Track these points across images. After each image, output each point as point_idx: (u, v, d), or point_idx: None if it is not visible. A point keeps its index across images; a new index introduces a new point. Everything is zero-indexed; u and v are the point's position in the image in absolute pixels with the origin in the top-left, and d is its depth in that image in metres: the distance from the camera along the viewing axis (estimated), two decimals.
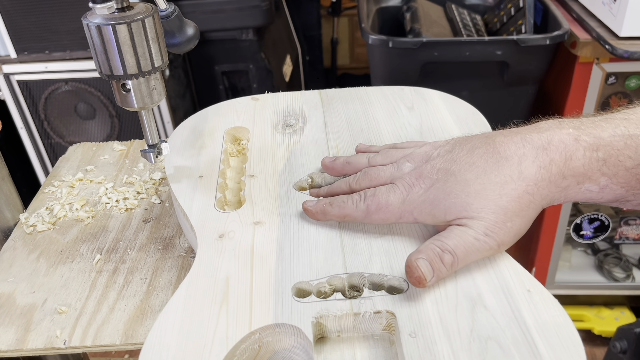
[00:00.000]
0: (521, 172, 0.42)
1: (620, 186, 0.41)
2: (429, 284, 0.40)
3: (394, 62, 1.23)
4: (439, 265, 0.40)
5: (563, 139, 0.42)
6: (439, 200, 0.43)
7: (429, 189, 0.44)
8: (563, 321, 0.38)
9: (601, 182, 0.41)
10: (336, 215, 0.48)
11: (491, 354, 0.36)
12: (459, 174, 0.43)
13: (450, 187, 0.43)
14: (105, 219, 0.60)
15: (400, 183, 0.46)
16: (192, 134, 0.62)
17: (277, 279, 0.43)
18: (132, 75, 0.47)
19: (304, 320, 0.40)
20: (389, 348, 0.40)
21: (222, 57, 1.52)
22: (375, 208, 0.46)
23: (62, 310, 0.48)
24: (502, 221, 0.41)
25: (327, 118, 0.64)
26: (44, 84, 1.38)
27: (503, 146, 0.43)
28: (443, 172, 0.44)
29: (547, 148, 0.42)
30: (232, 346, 0.38)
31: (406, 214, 0.45)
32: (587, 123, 0.42)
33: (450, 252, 0.41)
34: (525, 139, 0.43)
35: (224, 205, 0.53)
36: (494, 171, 0.42)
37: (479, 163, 0.43)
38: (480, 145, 0.44)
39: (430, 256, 0.41)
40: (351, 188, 0.50)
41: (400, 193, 0.45)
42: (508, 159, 0.42)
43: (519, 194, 0.42)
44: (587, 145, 0.41)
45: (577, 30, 1.17)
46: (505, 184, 0.42)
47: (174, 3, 0.53)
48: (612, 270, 1.52)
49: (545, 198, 0.42)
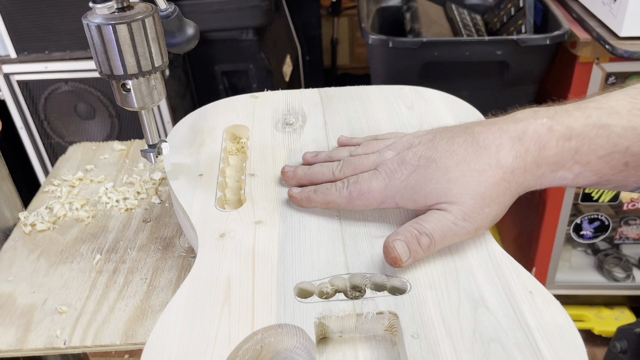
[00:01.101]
0: (499, 160, 0.43)
1: (594, 173, 0.43)
2: (404, 264, 0.42)
3: (394, 62, 1.22)
4: (415, 247, 0.42)
5: (537, 129, 0.43)
6: (420, 185, 0.45)
7: (411, 175, 0.46)
8: (565, 322, 0.38)
9: (575, 169, 0.43)
10: (320, 202, 0.49)
11: (494, 355, 0.36)
12: (439, 161, 0.45)
13: (431, 173, 0.45)
14: (106, 218, 0.60)
15: (383, 169, 0.47)
16: (191, 132, 0.62)
17: (279, 279, 0.43)
18: (132, 75, 0.47)
19: (306, 321, 0.40)
20: (391, 349, 0.40)
21: (222, 57, 1.52)
22: (357, 194, 0.47)
23: (62, 310, 0.48)
24: (479, 206, 0.43)
25: (327, 117, 0.64)
26: (43, 84, 1.38)
27: (482, 136, 0.45)
28: (425, 159, 0.46)
29: (522, 138, 0.43)
30: (234, 347, 0.38)
31: (388, 199, 0.47)
32: (560, 112, 0.44)
33: (428, 235, 0.43)
34: (502, 129, 0.44)
35: (224, 204, 0.53)
36: (473, 159, 0.44)
37: (459, 151, 0.45)
38: (460, 135, 0.46)
39: (407, 238, 0.42)
40: (335, 176, 0.51)
41: (382, 179, 0.47)
42: (486, 148, 0.44)
43: (496, 181, 0.43)
44: (560, 135, 0.43)
45: (577, 30, 1.17)
46: (483, 171, 0.43)
47: (174, 3, 0.52)
48: (612, 270, 1.52)
49: (521, 185, 0.44)
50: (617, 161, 0.42)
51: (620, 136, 0.41)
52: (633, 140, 0.41)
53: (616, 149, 0.41)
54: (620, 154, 0.41)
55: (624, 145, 0.41)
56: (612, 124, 0.42)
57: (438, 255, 0.44)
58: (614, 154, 0.42)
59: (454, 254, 0.45)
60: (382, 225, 0.48)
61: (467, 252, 0.45)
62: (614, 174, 0.43)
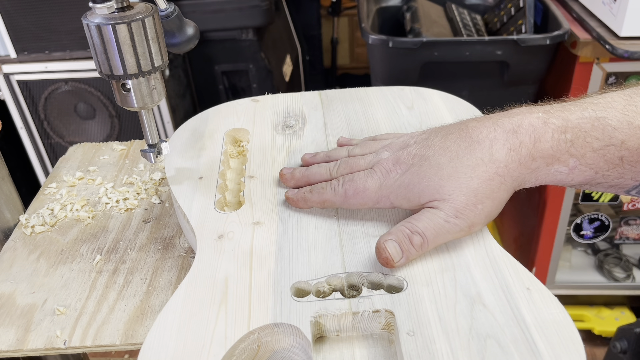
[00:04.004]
0: (492, 154, 0.43)
1: (589, 167, 0.43)
2: (397, 264, 0.42)
3: (394, 62, 1.23)
4: (407, 246, 0.43)
5: (532, 122, 0.43)
6: (413, 184, 0.45)
7: (405, 174, 0.46)
8: (562, 319, 0.38)
9: (570, 163, 0.43)
10: (316, 201, 0.49)
11: (490, 352, 0.36)
12: (432, 159, 0.45)
13: (424, 171, 0.45)
14: (106, 219, 0.60)
15: (378, 168, 0.48)
16: (193, 136, 0.62)
17: (276, 279, 0.43)
18: (132, 75, 0.47)
19: (302, 320, 0.40)
20: (388, 347, 0.40)
21: (222, 57, 1.52)
22: (353, 192, 0.48)
23: (60, 311, 0.48)
24: (472, 203, 0.43)
25: (327, 119, 0.64)
26: (43, 84, 1.38)
27: (476, 131, 0.45)
28: (418, 157, 0.46)
29: (517, 131, 0.43)
30: (230, 346, 0.38)
31: (383, 198, 0.47)
32: (556, 107, 0.44)
33: (420, 234, 0.43)
34: (496, 123, 0.45)
35: (224, 206, 0.54)
36: (466, 155, 0.44)
37: (452, 147, 0.45)
38: (454, 131, 0.46)
39: (399, 238, 0.43)
40: (332, 176, 0.51)
41: (377, 178, 0.47)
42: (480, 143, 0.44)
43: (489, 176, 0.43)
44: (556, 128, 0.43)
45: (577, 30, 1.17)
46: (476, 166, 0.43)
47: (174, 3, 0.53)
48: (612, 270, 1.52)
49: (516, 180, 0.44)
50: (613, 155, 0.42)
51: (616, 129, 0.41)
52: (628, 134, 0.41)
53: (611, 142, 0.42)
54: (616, 148, 0.42)
55: (619, 138, 0.41)
56: (607, 117, 0.42)
57: (435, 253, 0.45)
58: (609, 147, 0.42)
59: (451, 251, 0.45)
60: (379, 224, 0.48)
61: (465, 249, 0.45)
62: (609, 169, 0.43)
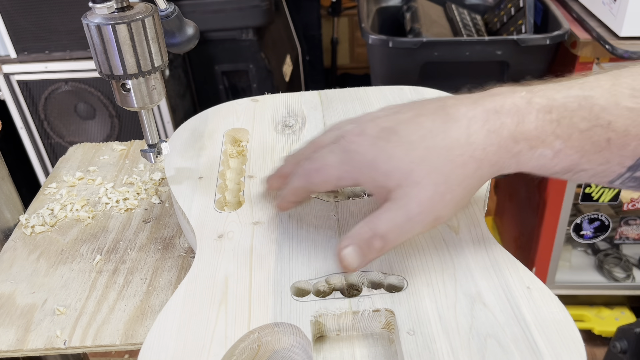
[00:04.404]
0: (469, 135, 0.40)
1: (575, 150, 0.39)
2: (358, 269, 0.41)
3: (394, 62, 1.23)
4: (366, 250, 0.40)
5: (516, 102, 0.40)
6: (380, 161, 0.41)
7: (370, 148, 0.41)
8: (563, 318, 0.38)
9: (555, 145, 0.39)
10: (290, 194, 0.47)
11: (490, 351, 0.36)
12: (402, 134, 0.41)
13: (392, 149, 0.41)
14: (106, 219, 0.60)
15: (340, 142, 0.43)
16: (192, 136, 0.63)
17: (276, 279, 0.43)
18: (132, 75, 0.47)
19: (303, 319, 0.40)
20: (388, 346, 0.40)
21: (222, 57, 1.52)
22: (314, 171, 0.44)
23: (60, 311, 0.48)
24: (441, 193, 0.39)
25: (327, 118, 0.64)
26: (43, 84, 1.38)
27: (453, 108, 0.41)
28: (387, 130, 0.41)
29: (499, 111, 0.40)
30: (230, 346, 0.38)
31: (345, 174, 0.42)
32: (540, 86, 0.41)
33: (381, 237, 0.40)
34: (477, 102, 0.41)
35: (224, 206, 0.54)
36: (440, 133, 0.40)
37: (426, 124, 0.41)
38: (429, 106, 0.42)
39: (359, 242, 0.40)
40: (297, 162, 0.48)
41: (338, 152, 0.43)
42: (457, 121, 0.40)
43: (464, 160, 0.39)
44: (540, 107, 0.39)
45: (577, 30, 1.17)
46: (451, 148, 0.40)
47: (174, 3, 0.53)
48: (612, 270, 1.52)
49: (494, 165, 0.40)
50: (599, 136, 0.39)
51: (603, 109, 0.38)
52: (616, 114, 0.38)
53: (598, 123, 0.39)
54: (603, 129, 0.39)
55: (606, 119, 0.38)
56: (594, 96, 0.39)
57: (435, 252, 0.45)
58: (596, 127, 0.39)
59: (451, 250, 0.45)
60: None
61: (465, 248, 0.45)
62: (595, 152, 0.39)
